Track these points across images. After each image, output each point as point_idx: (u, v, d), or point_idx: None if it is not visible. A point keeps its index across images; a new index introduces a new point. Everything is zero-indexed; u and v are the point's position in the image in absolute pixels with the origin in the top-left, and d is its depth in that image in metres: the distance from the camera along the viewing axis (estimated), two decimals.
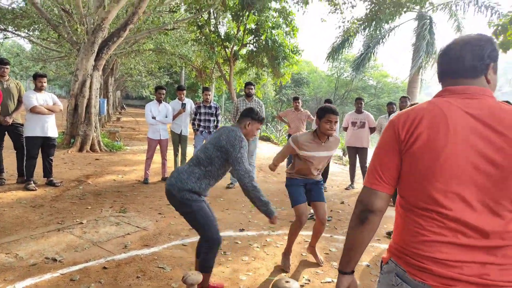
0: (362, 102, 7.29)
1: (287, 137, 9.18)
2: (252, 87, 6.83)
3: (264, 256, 3.83)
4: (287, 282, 2.17)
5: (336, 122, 3.28)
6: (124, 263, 3.42)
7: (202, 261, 2.83)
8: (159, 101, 6.77)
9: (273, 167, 3.70)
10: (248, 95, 6.78)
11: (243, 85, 20.43)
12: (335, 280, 3.30)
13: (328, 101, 7.45)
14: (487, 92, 1.26)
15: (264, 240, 4.30)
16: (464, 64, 1.29)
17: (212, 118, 6.99)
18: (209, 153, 2.76)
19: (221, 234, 4.32)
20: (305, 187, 3.60)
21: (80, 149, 9.79)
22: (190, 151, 8.89)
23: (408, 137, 1.23)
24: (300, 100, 7.65)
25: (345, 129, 7.43)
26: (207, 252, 2.81)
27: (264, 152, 12.26)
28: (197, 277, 2.35)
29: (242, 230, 4.57)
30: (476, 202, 1.17)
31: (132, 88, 39.14)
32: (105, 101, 18.04)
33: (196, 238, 4.15)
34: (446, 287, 1.16)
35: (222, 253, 3.79)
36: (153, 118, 6.67)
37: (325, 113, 3.25)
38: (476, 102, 1.23)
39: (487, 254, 1.16)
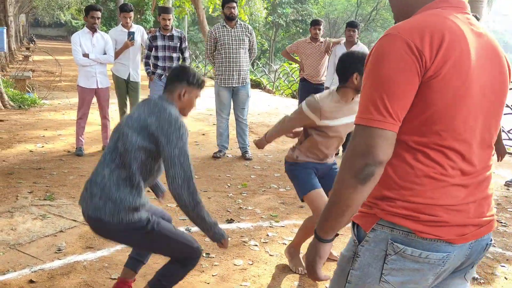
0: None
1: (299, 82, 8.70)
2: (235, 4, 6.71)
3: (267, 258, 3.92)
4: None
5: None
6: (60, 274, 3.46)
7: (164, 276, 2.83)
8: (93, 30, 6.63)
9: (264, 142, 3.69)
10: (229, 18, 6.67)
11: (217, 3, 20.10)
12: None
13: (351, 24, 7.37)
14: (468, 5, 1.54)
15: (264, 234, 4.39)
16: None
17: (175, 55, 6.92)
18: (129, 142, 2.61)
19: None
20: (316, 174, 3.61)
21: None
22: None
23: (434, 57, 1.34)
24: (322, 26, 7.54)
25: None
26: (179, 268, 2.85)
27: (254, 105, 12.19)
28: None
29: (231, 221, 4.65)
30: (480, 134, 1.45)
31: (43, 9, 38.10)
32: (5, 31, 17.48)
33: None
34: (459, 238, 1.39)
35: (205, 255, 3.87)
36: (85, 56, 6.56)
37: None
38: (470, 17, 1.50)
39: (478, 189, 1.46)
